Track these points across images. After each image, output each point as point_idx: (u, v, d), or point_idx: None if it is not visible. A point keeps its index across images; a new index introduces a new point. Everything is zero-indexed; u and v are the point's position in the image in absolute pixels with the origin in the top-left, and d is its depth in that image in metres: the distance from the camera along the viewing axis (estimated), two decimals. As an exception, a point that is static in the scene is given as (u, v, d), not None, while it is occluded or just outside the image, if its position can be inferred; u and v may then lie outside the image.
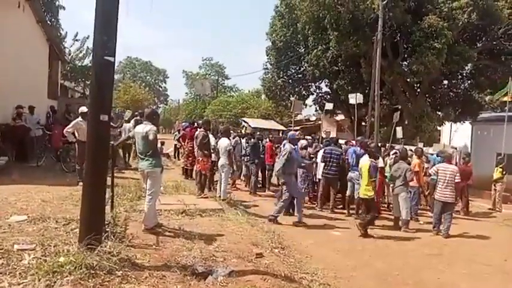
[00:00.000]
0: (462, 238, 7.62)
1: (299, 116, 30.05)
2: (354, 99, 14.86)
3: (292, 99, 21.56)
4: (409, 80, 17.63)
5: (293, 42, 21.31)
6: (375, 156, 7.71)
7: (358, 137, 13.24)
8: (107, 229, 4.02)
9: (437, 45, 14.82)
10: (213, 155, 8.58)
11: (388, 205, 9.82)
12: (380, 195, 9.42)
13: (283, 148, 8.30)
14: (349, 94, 15.93)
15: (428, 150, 15.30)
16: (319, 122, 29.63)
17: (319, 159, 9.26)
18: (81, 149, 7.36)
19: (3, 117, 10.39)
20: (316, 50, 18.77)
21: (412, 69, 15.76)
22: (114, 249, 3.70)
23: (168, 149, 17.10)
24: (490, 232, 8.36)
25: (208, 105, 35.68)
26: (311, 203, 9.64)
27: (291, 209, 7.98)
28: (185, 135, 11.33)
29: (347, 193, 8.97)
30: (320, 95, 23.28)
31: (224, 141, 8.37)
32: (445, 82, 19.86)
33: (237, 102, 36.54)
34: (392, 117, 15.41)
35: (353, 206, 8.80)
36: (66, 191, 6.94)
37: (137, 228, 5.02)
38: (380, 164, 8.14)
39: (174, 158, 16.25)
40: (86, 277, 3.17)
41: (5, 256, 3.57)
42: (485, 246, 7.20)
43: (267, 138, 12.09)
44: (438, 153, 10.97)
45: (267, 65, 23.57)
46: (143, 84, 55.96)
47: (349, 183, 8.87)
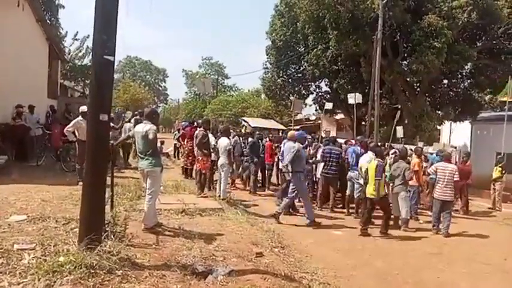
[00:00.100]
0: (462, 237, 7.63)
1: (299, 115, 30.03)
2: (353, 99, 14.86)
3: (292, 98, 21.56)
4: (409, 79, 17.64)
5: (293, 41, 21.32)
6: (382, 156, 7.66)
7: (357, 137, 13.24)
8: (107, 228, 4.03)
9: (437, 45, 14.83)
10: (212, 154, 8.59)
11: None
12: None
13: (283, 147, 8.29)
14: (348, 94, 15.94)
15: (428, 149, 15.30)
16: (319, 121, 29.64)
17: (319, 159, 9.25)
18: (82, 149, 7.36)
19: (3, 117, 10.38)
20: (316, 49, 18.78)
21: (411, 68, 15.76)
22: (114, 249, 3.70)
23: (168, 149, 17.08)
24: (490, 231, 8.36)
25: (208, 105, 35.62)
26: (311, 202, 9.61)
27: (290, 208, 7.99)
28: (185, 134, 11.33)
29: (347, 192, 8.96)
30: (320, 94, 23.29)
31: (224, 141, 8.37)
32: (445, 81, 19.86)
33: (236, 101, 36.50)
34: (392, 117, 15.42)
35: (353, 205, 8.79)
36: (66, 191, 6.94)
37: (137, 227, 5.02)
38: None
39: (174, 157, 16.23)
40: (86, 276, 3.17)
41: (4, 256, 3.57)
42: (485, 245, 7.20)
43: (266, 138, 12.08)
44: (437, 153, 10.99)
45: (266, 65, 23.61)
46: (143, 83, 55.84)
47: (348, 182, 8.86)
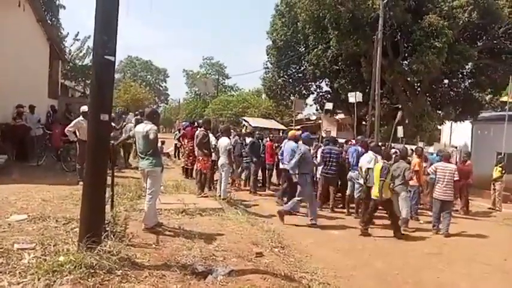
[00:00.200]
0: (462, 237, 7.63)
1: (299, 115, 30.08)
2: (354, 97, 14.86)
3: (292, 98, 21.56)
4: (409, 79, 17.63)
5: (293, 41, 21.30)
6: (389, 157, 7.57)
7: (358, 136, 13.23)
8: (107, 228, 4.03)
9: (438, 44, 14.82)
10: (213, 154, 8.59)
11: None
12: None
13: (284, 147, 8.29)
14: (349, 93, 15.93)
15: (428, 149, 15.28)
16: (320, 121, 29.63)
17: (319, 159, 9.24)
18: (82, 148, 7.37)
19: (4, 117, 10.40)
20: (316, 49, 18.77)
21: (412, 68, 15.75)
22: (114, 249, 3.71)
23: (169, 148, 17.16)
24: (490, 231, 8.36)
25: (208, 105, 35.67)
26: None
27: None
28: (185, 134, 11.33)
29: (347, 192, 8.96)
30: (320, 94, 23.28)
31: (224, 141, 8.37)
32: (446, 81, 19.85)
33: (237, 101, 36.53)
34: (393, 117, 15.40)
35: (353, 205, 8.78)
36: (66, 190, 6.94)
37: (137, 227, 5.02)
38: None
39: (174, 157, 16.25)
40: (86, 276, 3.18)
41: (4, 255, 3.58)
42: (485, 246, 7.20)
43: (267, 138, 12.08)
44: (438, 153, 10.98)
45: (267, 65, 23.61)
46: (143, 83, 55.97)
47: (349, 182, 8.85)
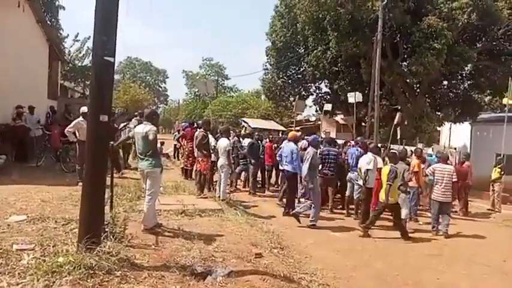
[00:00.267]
0: (461, 238, 7.64)
1: (299, 116, 30.08)
2: (353, 98, 14.88)
3: (292, 99, 21.57)
4: (408, 80, 17.66)
5: (293, 42, 21.35)
6: (397, 160, 7.46)
7: (357, 137, 13.24)
8: (106, 229, 4.02)
9: (437, 46, 14.85)
10: (212, 155, 8.59)
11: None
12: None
13: (285, 148, 8.28)
14: (348, 93, 15.96)
15: (427, 150, 15.29)
16: (319, 122, 29.66)
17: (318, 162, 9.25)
18: (82, 149, 7.35)
19: (3, 117, 10.40)
20: (316, 50, 18.81)
21: (411, 69, 15.78)
22: (113, 249, 3.70)
23: (168, 149, 17.11)
24: (489, 232, 8.37)
25: (208, 106, 35.66)
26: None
27: (290, 209, 7.97)
28: (185, 135, 11.32)
29: (346, 193, 8.96)
30: (320, 95, 23.32)
31: (224, 142, 8.36)
32: (445, 82, 19.90)
33: (237, 102, 36.56)
34: (392, 118, 15.39)
35: (352, 206, 8.79)
36: (65, 191, 6.93)
37: (136, 228, 5.01)
38: (379, 164, 8.11)
39: (174, 158, 16.23)
40: (85, 277, 3.17)
41: (4, 256, 3.57)
42: (485, 247, 7.20)
43: (266, 139, 12.08)
44: (437, 154, 11.00)
45: (266, 66, 23.66)
46: (143, 84, 55.94)
47: (348, 183, 8.86)
